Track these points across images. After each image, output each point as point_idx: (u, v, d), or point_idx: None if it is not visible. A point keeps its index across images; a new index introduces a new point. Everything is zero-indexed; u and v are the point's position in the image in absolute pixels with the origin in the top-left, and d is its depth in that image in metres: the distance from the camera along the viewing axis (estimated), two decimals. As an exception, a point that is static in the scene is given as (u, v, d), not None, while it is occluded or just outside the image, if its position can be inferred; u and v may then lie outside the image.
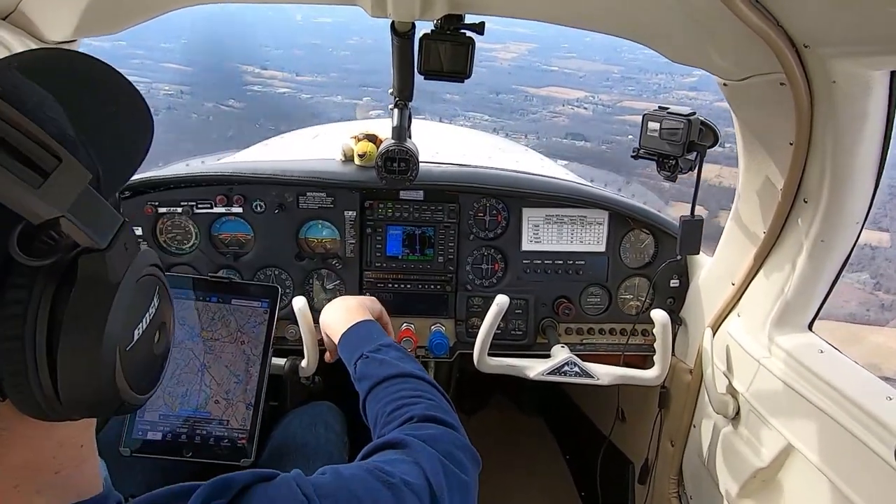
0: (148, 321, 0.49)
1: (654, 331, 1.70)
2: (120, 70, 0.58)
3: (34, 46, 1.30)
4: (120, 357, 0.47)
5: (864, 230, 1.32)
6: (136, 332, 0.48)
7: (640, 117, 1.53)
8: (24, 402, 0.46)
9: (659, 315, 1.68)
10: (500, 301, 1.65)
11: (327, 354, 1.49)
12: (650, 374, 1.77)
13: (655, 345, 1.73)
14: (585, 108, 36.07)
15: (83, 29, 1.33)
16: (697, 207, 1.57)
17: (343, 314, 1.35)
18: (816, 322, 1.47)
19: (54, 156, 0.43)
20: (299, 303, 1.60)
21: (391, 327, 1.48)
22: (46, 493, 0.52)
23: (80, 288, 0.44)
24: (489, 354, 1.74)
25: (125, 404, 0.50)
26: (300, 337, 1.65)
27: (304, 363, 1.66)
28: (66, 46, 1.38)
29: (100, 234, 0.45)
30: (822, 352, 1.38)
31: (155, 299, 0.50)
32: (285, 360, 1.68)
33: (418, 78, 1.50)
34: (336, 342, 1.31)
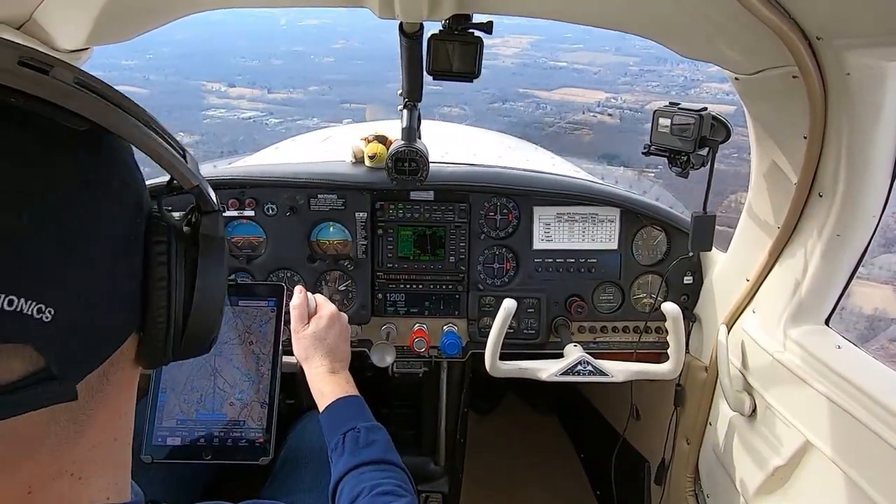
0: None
1: (666, 324, 1.69)
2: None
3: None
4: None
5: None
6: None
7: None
8: (154, 339, 0.54)
9: (670, 307, 1.66)
10: (508, 305, 1.65)
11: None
12: (664, 369, 1.75)
13: (668, 338, 1.71)
14: (610, 115, 31.71)
15: (96, 37, 1.34)
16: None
17: (327, 377, 1.45)
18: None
19: (181, 149, 0.57)
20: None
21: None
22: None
23: (204, 241, 0.56)
24: (501, 356, 1.73)
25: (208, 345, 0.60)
26: None
27: None
28: (78, 54, 1.40)
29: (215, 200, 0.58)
30: (839, 347, 1.36)
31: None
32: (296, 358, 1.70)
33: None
34: (319, 406, 1.39)
